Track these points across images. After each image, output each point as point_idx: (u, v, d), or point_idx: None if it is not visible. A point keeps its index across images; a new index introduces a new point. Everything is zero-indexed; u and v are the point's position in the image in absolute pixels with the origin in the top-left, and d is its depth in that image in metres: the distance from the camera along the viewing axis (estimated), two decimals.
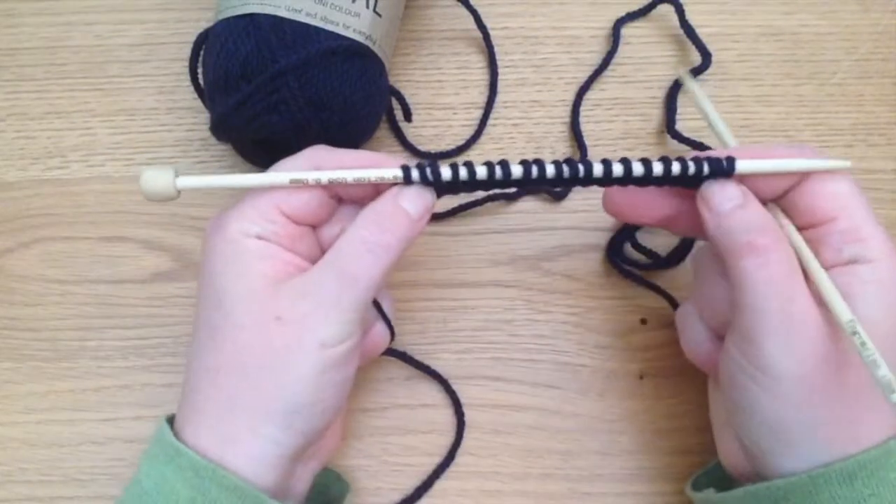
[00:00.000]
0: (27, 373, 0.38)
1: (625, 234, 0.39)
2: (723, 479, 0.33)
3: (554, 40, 0.43)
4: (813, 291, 0.28)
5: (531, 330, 0.39)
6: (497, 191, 0.39)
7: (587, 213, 0.41)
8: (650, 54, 0.43)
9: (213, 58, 0.35)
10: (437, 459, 0.38)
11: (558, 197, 0.41)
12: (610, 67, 0.42)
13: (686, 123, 0.42)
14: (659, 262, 0.40)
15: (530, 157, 0.41)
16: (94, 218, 0.40)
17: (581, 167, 0.29)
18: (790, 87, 0.43)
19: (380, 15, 0.36)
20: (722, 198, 0.29)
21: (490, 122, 0.42)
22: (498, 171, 0.29)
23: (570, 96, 0.42)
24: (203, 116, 0.41)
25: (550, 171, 0.29)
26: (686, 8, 0.42)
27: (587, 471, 0.37)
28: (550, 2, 0.44)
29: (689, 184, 0.30)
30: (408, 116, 0.41)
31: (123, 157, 0.41)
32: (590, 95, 0.42)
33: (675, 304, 0.39)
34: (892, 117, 0.42)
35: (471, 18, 0.42)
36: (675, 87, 0.42)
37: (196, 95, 0.38)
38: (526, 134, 0.42)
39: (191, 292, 0.39)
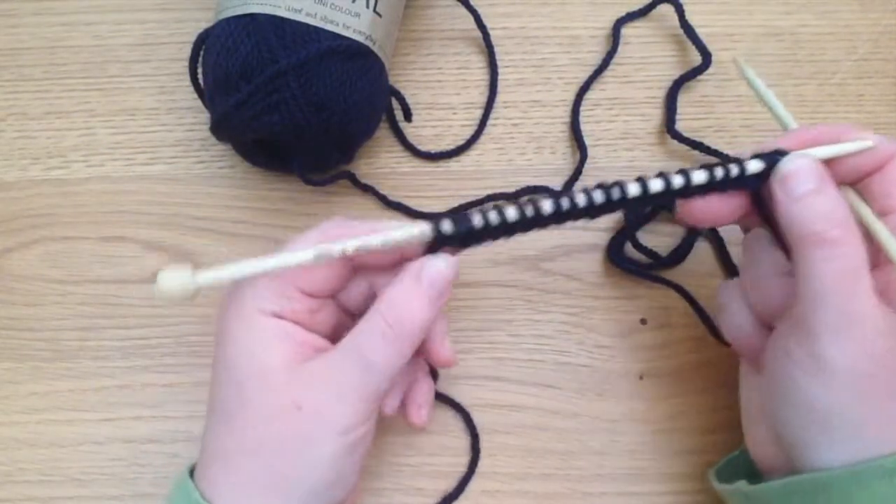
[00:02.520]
0: (27, 373, 0.38)
1: (625, 233, 0.39)
2: (749, 471, 0.32)
3: (554, 40, 0.43)
4: (877, 287, 0.27)
5: (531, 330, 0.39)
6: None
7: None
8: (650, 54, 0.43)
9: (213, 58, 0.35)
10: (437, 459, 0.37)
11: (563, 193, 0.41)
12: (610, 67, 0.42)
13: (686, 123, 0.42)
14: (660, 262, 0.40)
15: (530, 156, 0.41)
16: (94, 218, 0.40)
17: (617, 192, 0.28)
18: (790, 87, 0.43)
19: (380, 15, 0.36)
20: (798, 181, 0.28)
21: (490, 122, 0.42)
22: (529, 210, 0.28)
23: (570, 96, 0.42)
24: (203, 116, 0.41)
25: (596, 198, 0.28)
26: (686, 8, 0.42)
27: (587, 471, 0.37)
28: (550, 2, 0.44)
29: (747, 184, 0.29)
30: (408, 116, 0.41)
31: (123, 157, 0.41)
32: (590, 95, 0.42)
33: (687, 297, 0.39)
34: (892, 117, 0.42)
35: (471, 18, 0.42)
36: (675, 87, 0.42)
37: (196, 95, 0.38)
38: (526, 134, 0.42)
39: None
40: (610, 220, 0.40)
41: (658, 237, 0.40)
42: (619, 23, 0.43)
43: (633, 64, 0.43)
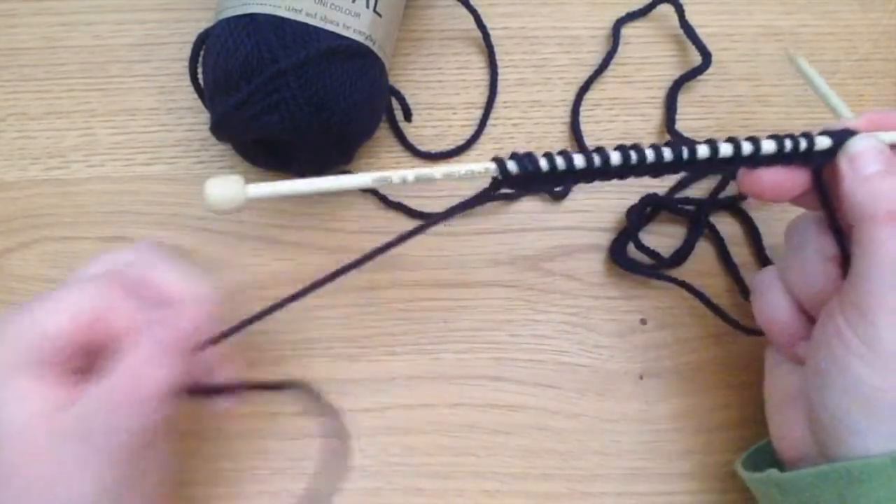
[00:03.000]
0: None
1: (628, 234, 0.39)
2: (774, 461, 0.32)
3: (554, 40, 0.43)
4: None
5: (531, 330, 0.39)
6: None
7: (587, 213, 0.41)
8: (650, 54, 0.43)
9: (213, 58, 0.35)
10: (437, 459, 0.37)
11: (558, 197, 0.41)
12: (610, 67, 0.42)
13: (686, 123, 0.42)
14: (662, 263, 0.40)
15: None
16: (94, 218, 0.40)
17: (686, 152, 0.27)
18: (790, 87, 0.43)
19: (380, 15, 0.36)
20: (867, 159, 0.28)
21: (490, 122, 0.42)
22: (597, 159, 0.27)
23: (570, 96, 0.42)
24: (203, 116, 0.41)
25: (665, 155, 0.27)
26: (686, 8, 0.42)
27: (587, 471, 0.37)
28: (550, 2, 0.44)
29: (814, 159, 0.29)
30: (408, 116, 0.41)
31: (123, 157, 0.41)
32: (590, 95, 0.42)
33: (694, 293, 0.39)
34: None
35: (471, 18, 0.42)
36: (675, 87, 0.42)
37: (196, 95, 0.38)
38: (526, 134, 0.42)
39: None
40: (611, 221, 0.40)
41: (659, 238, 0.40)
42: (619, 23, 0.43)
43: (633, 64, 0.43)
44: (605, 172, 0.28)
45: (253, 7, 0.34)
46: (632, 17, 0.43)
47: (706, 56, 0.42)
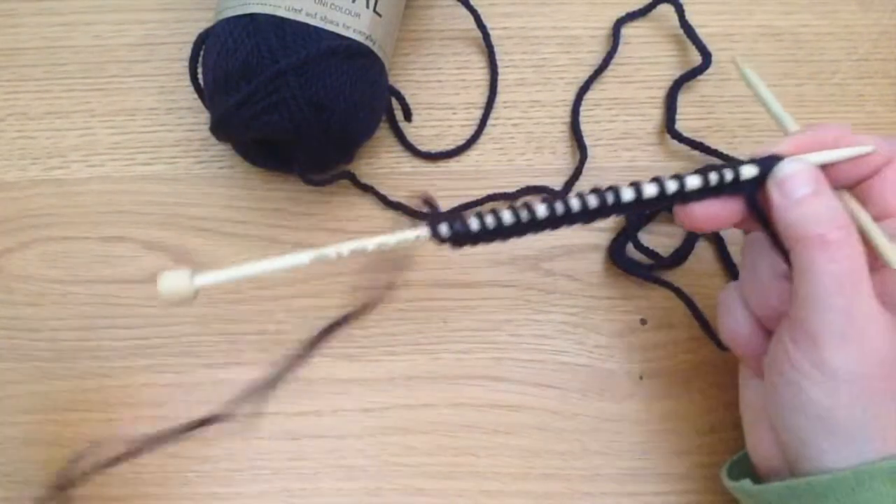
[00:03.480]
0: (27, 373, 0.38)
1: (627, 234, 0.40)
2: (754, 470, 0.32)
3: (554, 40, 0.43)
4: (876, 290, 0.27)
5: (531, 330, 0.39)
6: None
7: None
8: (650, 54, 0.43)
9: (213, 58, 0.35)
10: (437, 459, 0.38)
11: (558, 197, 0.41)
12: (610, 67, 0.42)
13: (686, 123, 0.42)
14: (661, 263, 0.40)
15: (530, 156, 0.41)
16: (94, 218, 0.40)
17: (611, 197, 0.28)
18: (790, 87, 0.43)
19: (380, 15, 0.36)
20: (796, 183, 0.28)
21: (490, 122, 0.42)
22: (525, 214, 0.28)
23: (570, 96, 0.42)
24: (203, 116, 0.41)
25: (590, 202, 0.28)
26: (686, 8, 0.42)
27: (587, 471, 0.37)
28: (550, 2, 0.44)
29: (743, 188, 0.29)
30: (408, 116, 0.41)
31: (123, 157, 0.41)
32: (590, 95, 0.42)
33: (685, 300, 0.39)
34: (892, 117, 0.42)
35: (471, 18, 0.42)
36: (675, 87, 0.42)
37: (196, 95, 0.38)
38: (526, 134, 0.42)
39: None
40: (611, 221, 0.40)
41: (659, 238, 0.40)
42: (619, 23, 0.43)
43: (633, 64, 0.43)
44: (534, 225, 0.28)
45: (253, 7, 0.34)
46: (632, 17, 0.43)
47: (706, 56, 0.42)
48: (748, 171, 0.29)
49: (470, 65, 0.43)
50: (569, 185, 0.41)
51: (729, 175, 0.28)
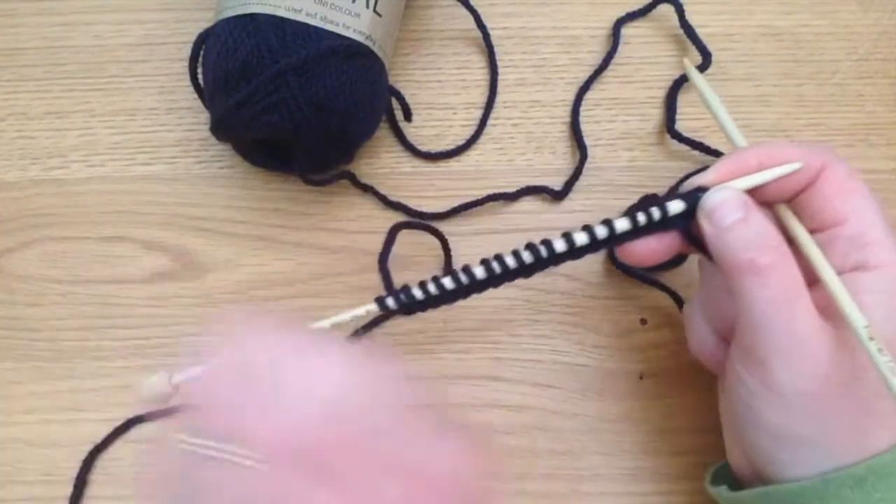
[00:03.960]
0: (27, 373, 0.38)
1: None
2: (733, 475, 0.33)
3: (554, 40, 0.43)
4: (818, 303, 0.27)
5: (531, 330, 0.39)
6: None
7: (587, 213, 0.41)
8: (650, 54, 0.43)
9: (213, 58, 0.35)
10: None
11: (558, 197, 0.41)
12: (610, 67, 0.42)
13: (686, 123, 0.42)
14: (660, 264, 0.39)
15: (530, 156, 0.41)
16: (94, 218, 0.40)
17: (544, 251, 0.29)
18: (790, 87, 0.43)
19: (380, 15, 0.36)
20: (723, 212, 0.28)
21: (490, 122, 0.42)
22: (463, 277, 0.30)
23: (570, 96, 0.42)
24: (203, 116, 0.41)
25: (525, 258, 0.29)
26: (686, 8, 0.42)
27: (587, 471, 0.37)
28: (550, 2, 0.44)
29: (674, 224, 0.30)
30: (408, 116, 0.41)
31: (123, 157, 0.41)
32: (590, 95, 0.42)
33: (680, 303, 0.39)
34: (892, 117, 0.42)
35: (471, 18, 0.42)
36: (675, 87, 0.42)
37: (196, 95, 0.38)
38: (526, 134, 0.42)
39: (191, 292, 0.39)
40: None
41: None
42: (619, 23, 0.43)
43: (633, 64, 0.43)
44: (474, 287, 0.30)
45: (253, 7, 0.34)
46: (632, 17, 0.43)
47: (706, 56, 0.42)
48: (675, 207, 0.29)
49: (470, 65, 0.43)
50: (569, 184, 0.41)
51: (657, 214, 0.29)
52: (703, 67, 0.41)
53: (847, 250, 0.28)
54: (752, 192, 0.29)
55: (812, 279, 0.28)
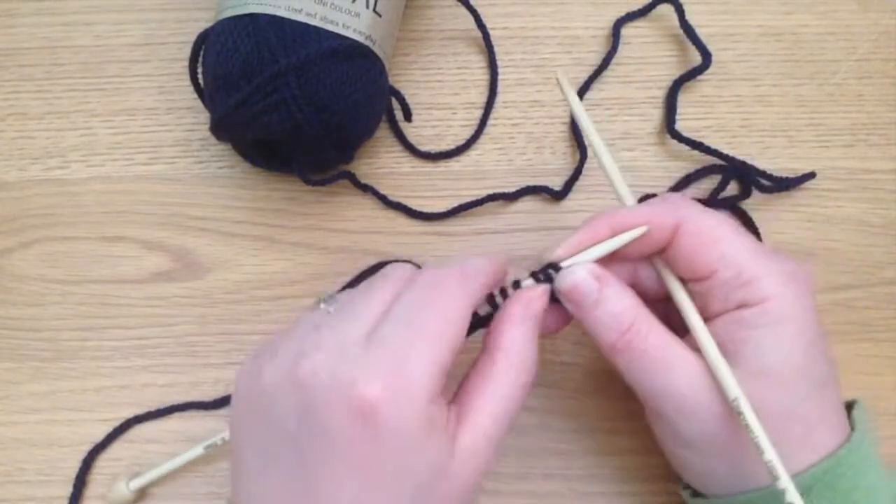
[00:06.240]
0: (27, 373, 0.38)
1: None
2: None
3: (554, 40, 0.43)
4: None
5: None
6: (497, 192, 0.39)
7: (587, 213, 0.41)
8: (650, 54, 0.43)
9: (213, 58, 0.35)
10: None
11: (558, 197, 0.41)
12: (610, 67, 0.42)
13: (686, 123, 0.42)
14: None
15: (530, 156, 0.42)
16: (94, 218, 0.40)
17: None
18: (790, 87, 0.43)
19: (380, 15, 0.36)
20: (577, 296, 0.29)
21: (490, 122, 0.42)
22: None
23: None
24: (203, 116, 0.41)
25: None
26: (686, 8, 0.42)
27: (586, 471, 0.37)
28: (550, 2, 0.44)
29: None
30: (408, 116, 0.41)
31: (123, 157, 0.41)
32: (590, 95, 0.42)
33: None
34: (892, 117, 0.42)
35: (471, 18, 0.42)
36: (675, 87, 0.42)
37: (196, 95, 0.38)
38: (526, 134, 0.42)
39: (190, 292, 0.39)
40: None
41: None
42: (619, 23, 0.43)
43: (633, 64, 0.43)
44: None
45: (253, 7, 0.34)
46: (632, 17, 0.43)
47: (706, 56, 0.41)
48: (527, 285, 0.30)
49: (470, 65, 0.43)
50: (569, 184, 0.41)
51: (499, 300, 0.30)
52: (702, 67, 0.41)
53: (726, 293, 0.29)
54: (614, 255, 0.30)
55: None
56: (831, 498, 0.27)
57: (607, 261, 0.30)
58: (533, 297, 0.29)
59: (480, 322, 0.30)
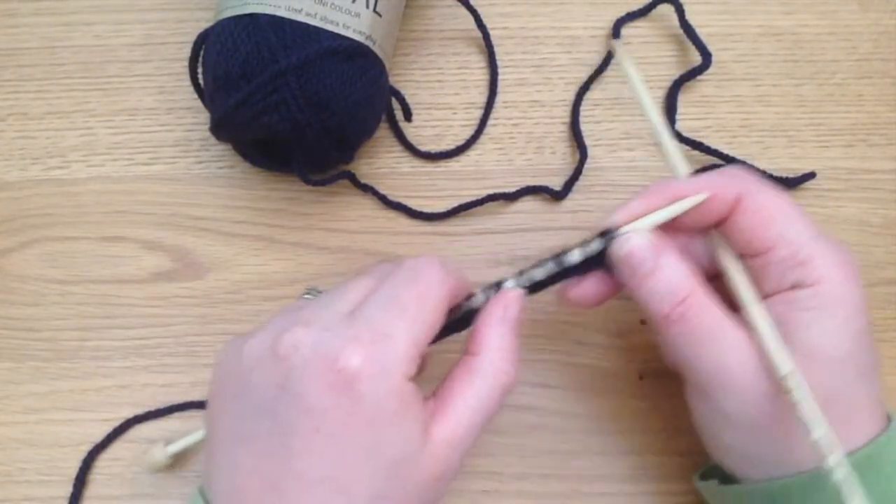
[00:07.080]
0: (27, 373, 0.38)
1: None
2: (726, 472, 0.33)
3: (554, 40, 0.43)
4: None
5: (531, 330, 0.39)
6: (497, 192, 0.39)
7: (587, 212, 0.41)
8: (650, 54, 0.43)
9: (213, 58, 0.35)
10: None
11: (558, 197, 0.41)
12: (610, 67, 0.42)
13: (686, 123, 0.42)
14: None
15: (530, 156, 0.41)
16: (94, 218, 0.40)
17: (467, 305, 0.30)
18: (790, 87, 0.43)
19: (380, 15, 0.36)
20: (633, 262, 0.29)
21: (490, 122, 0.42)
22: None
23: (570, 96, 0.42)
24: (203, 116, 0.41)
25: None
26: (686, 8, 0.42)
27: (587, 471, 0.37)
28: (550, 2, 0.44)
29: (587, 269, 0.31)
30: (408, 116, 0.41)
31: (123, 157, 0.41)
32: (590, 95, 0.42)
33: None
34: (892, 117, 0.42)
35: (471, 18, 0.42)
36: (675, 87, 0.42)
37: (196, 95, 0.38)
38: (526, 134, 0.42)
39: (190, 292, 0.39)
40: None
41: None
42: (619, 23, 0.43)
43: (634, 64, 0.43)
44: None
45: (253, 7, 0.34)
46: (632, 17, 0.43)
47: (706, 56, 0.42)
48: (575, 258, 0.30)
49: (470, 65, 0.43)
50: (569, 184, 0.41)
51: (576, 256, 0.30)
52: (702, 67, 0.41)
53: (782, 272, 0.28)
54: (669, 226, 0.30)
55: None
56: (872, 483, 0.27)
57: (660, 232, 0.30)
58: (512, 299, 0.29)
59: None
